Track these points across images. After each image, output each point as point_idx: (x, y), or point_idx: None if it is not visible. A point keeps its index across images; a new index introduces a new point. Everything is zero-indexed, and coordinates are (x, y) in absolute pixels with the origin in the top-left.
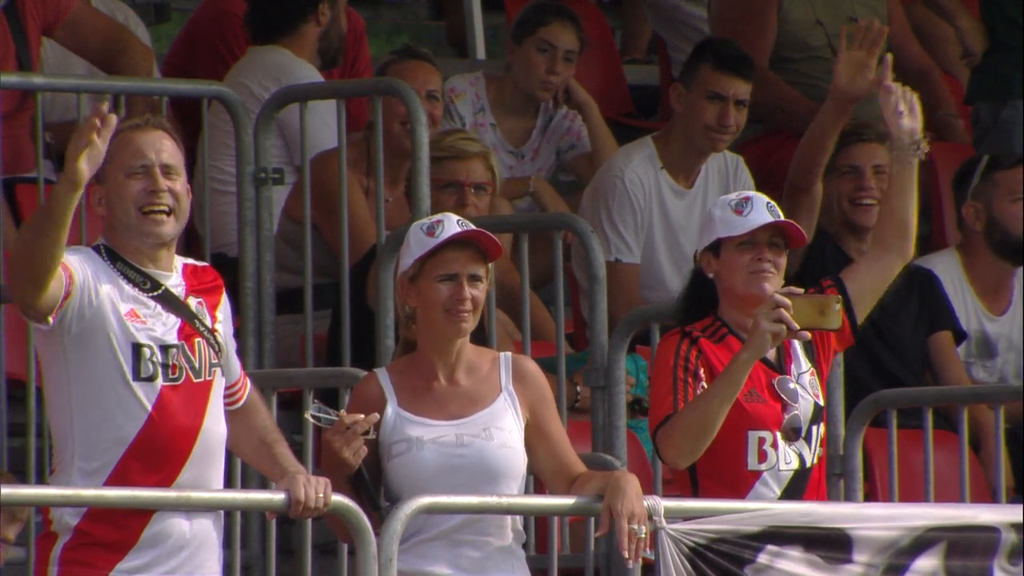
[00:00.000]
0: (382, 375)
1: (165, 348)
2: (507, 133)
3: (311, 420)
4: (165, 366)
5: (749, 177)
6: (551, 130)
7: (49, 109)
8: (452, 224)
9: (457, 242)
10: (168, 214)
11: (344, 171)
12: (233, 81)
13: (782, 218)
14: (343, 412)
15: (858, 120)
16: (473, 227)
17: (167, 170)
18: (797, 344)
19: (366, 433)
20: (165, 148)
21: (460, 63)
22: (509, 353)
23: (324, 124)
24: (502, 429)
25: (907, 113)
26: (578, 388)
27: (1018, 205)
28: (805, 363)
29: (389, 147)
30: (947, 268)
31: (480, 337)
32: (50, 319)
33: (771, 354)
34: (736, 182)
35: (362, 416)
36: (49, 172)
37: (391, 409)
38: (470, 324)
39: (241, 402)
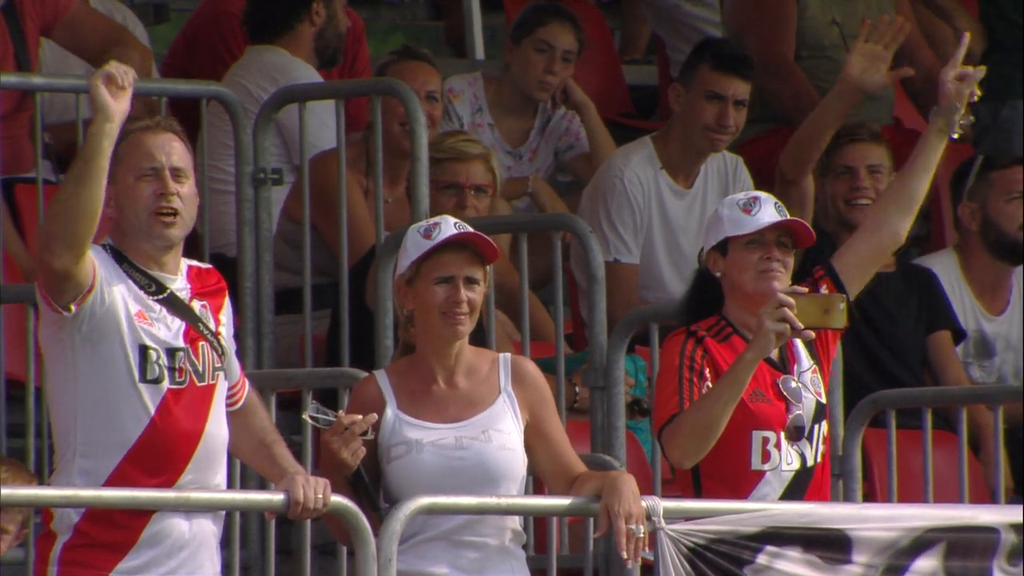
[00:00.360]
0: (381, 377)
1: (172, 351)
2: (505, 133)
3: (309, 421)
4: (171, 369)
5: (748, 177)
6: (549, 130)
7: (48, 109)
8: (449, 226)
9: (454, 244)
10: (175, 216)
11: (343, 171)
12: (231, 81)
13: (790, 217)
14: (341, 413)
15: (853, 121)
16: (471, 229)
17: (176, 173)
18: (799, 342)
19: (364, 434)
20: (175, 151)
21: (459, 63)
22: (508, 354)
23: (323, 124)
24: (501, 431)
25: (965, 81)
26: (577, 388)
27: (1013, 205)
28: (807, 361)
29: (388, 147)
30: (945, 268)
31: (479, 338)
32: (72, 307)
33: (774, 353)
34: (735, 182)
35: (360, 416)
36: (48, 172)
37: (390, 411)
38: (466, 327)
39: (240, 403)
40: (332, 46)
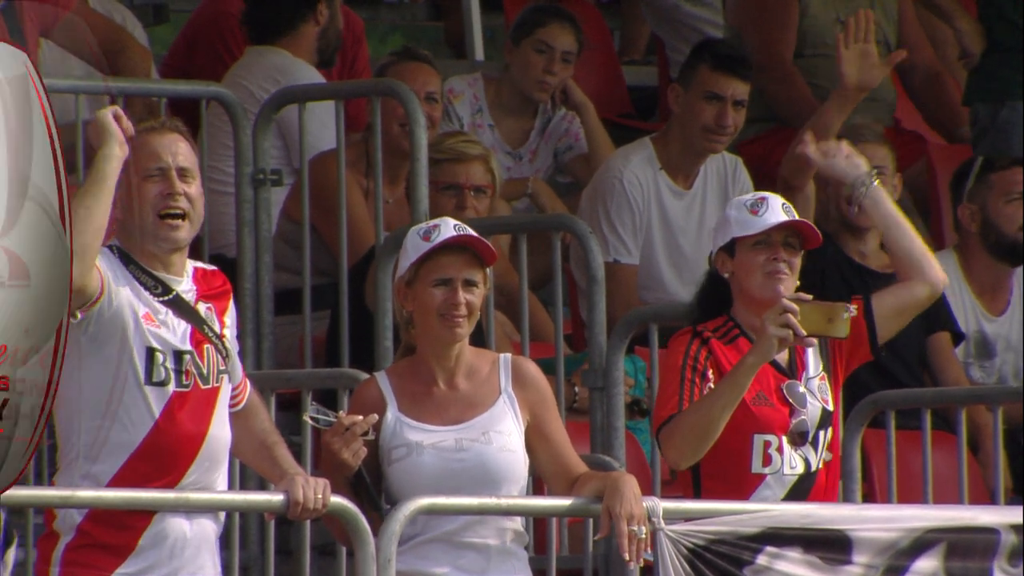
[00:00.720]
0: (382, 379)
1: (178, 354)
2: (505, 134)
3: (309, 421)
4: (178, 372)
5: (748, 178)
6: (549, 131)
7: None
8: (448, 228)
9: (453, 247)
10: (183, 218)
11: (343, 172)
12: (232, 82)
13: (797, 218)
14: (342, 413)
15: (855, 122)
16: (470, 231)
17: (183, 173)
18: (810, 348)
19: (365, 434)
20: (181, 151)
21: (458, 64)
22: (509, 355)
23: (323, 125)
24: (501, 432)
25: (841, 156)
26: (576, 389)
27: (1012, 206)
28: (817, 368)
29: (388, 148)
30: (945, 269)
31: (479, 339)
32: (78, 314)
33: (782, 358)
34: (735, 183)
35: (361, 417)
36: None
37: (391, 413)
38: (465, 329)
39: (242, 404)
40: (332, 46)
